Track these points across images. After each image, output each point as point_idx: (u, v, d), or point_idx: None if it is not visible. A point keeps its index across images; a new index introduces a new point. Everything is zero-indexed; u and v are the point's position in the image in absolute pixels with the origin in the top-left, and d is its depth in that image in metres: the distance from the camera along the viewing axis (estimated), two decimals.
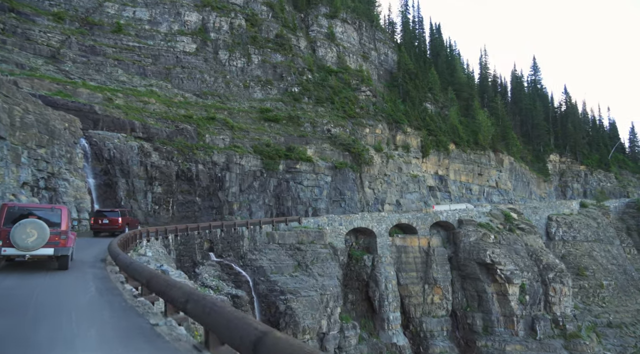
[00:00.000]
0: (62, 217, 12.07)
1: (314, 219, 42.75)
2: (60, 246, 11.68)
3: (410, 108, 65.21)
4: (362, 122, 58.33)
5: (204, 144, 45.93)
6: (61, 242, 11.73)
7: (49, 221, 11.77)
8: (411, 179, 57.67)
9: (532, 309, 44.31)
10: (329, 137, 54.67)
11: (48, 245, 11.42)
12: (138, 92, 50.09)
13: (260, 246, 37.57)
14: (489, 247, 44.73)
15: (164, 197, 38.81)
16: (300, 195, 49.01)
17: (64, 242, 11.80)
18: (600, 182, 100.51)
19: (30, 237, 11.05)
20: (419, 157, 60.99)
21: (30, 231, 11.06)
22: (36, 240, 11.13)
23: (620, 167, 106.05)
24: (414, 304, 44.37)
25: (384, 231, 45.35)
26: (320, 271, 37.79)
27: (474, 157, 67.71)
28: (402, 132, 60.44)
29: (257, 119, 53.79)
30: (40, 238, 11.17)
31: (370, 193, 53.47)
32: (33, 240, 11.10)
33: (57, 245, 11.60)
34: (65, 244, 11.86)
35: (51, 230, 11.51)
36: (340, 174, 51.44)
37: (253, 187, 46.98)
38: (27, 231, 11.04)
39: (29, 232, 11.04)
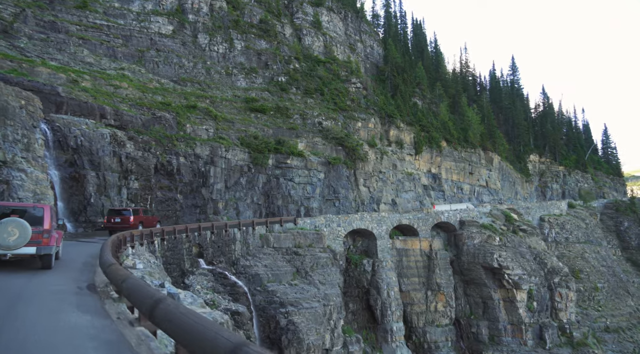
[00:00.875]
0: (44, 215, 11.69)
1: (310, 219, 38.46)
2: (43, 245, 11.43)
3: (401, 103, 61.83)
4: (353, 115, 54.42)
5: (184, 135, 40.75)
6: (43, 241, 11.47)
7: (31, 220, 11.39)
8: (406, 177, 54.27)
9: (540, 316, 41.66)
10: (320, 130, 50.43)
11: (30, 244, 11.18)
12: (108, 76, 44.26)
13: (254, 251, 32.93)
14: (495, 250, 41.76)
15: (141, 193, 33.51)
16: (291, 193, 44.54)
17: (46, 241, 11.53)
18: (578, 183, 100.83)
19: (11, 236, 10.80)
20: (412, 154, 57.70)
21: (11, 229, 10.81)
22: (17, 239, 10.88)
23: (595, 169, 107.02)
24: (416, 312, 40.80)
25: (385, 232, 41.59)
26: (321, 278, 33.54)
27: (464, 156, 65.15)
28: (396, 127, 56.96)
29: (242, 109, 48.89)
30: (21, 237, 10.94)
31: (366, 192, 49.61)
32: (14, 239, 10.85)
33: (39, 244, 11.36)
34: (48, 243, 11.58)
35: (33, 229, 11.22)
36: (334, 170, 47.30)
37: (240, 184, 42.14)
38: (8, 230, 10.78)
39: (10, 231, 10.79)
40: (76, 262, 14.06)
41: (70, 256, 15.32)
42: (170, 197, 36.20)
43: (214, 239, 29.51)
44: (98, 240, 22.52)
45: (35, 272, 11.61)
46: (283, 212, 43.25)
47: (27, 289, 9.52)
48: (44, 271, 11.75)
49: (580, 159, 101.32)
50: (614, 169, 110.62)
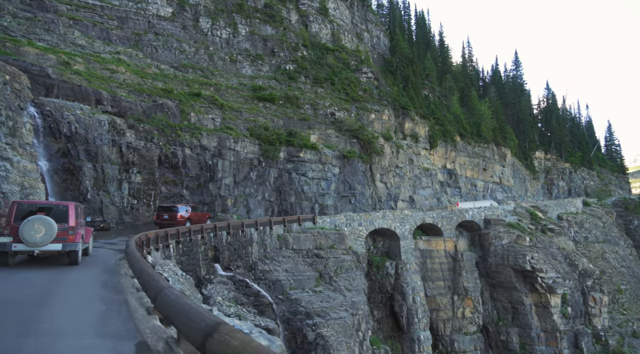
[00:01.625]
0: (69, 213, 11.74)
1: (330, 218, 34.87)
2: (69, 242, 11.48)
3: (413, 95, 58.48)
4: (366, 106, 50.89)
5: (189, 124, 36.89)
6: (69, 238, 11.50)
7: (57, 217, 11.45)
8: (423, 173, 50.94)
9: (575, 322, 38.64)
10: (332, 121, 46.82)
11: (56, 241, 11.26)
12: (102, 59, 40.21)
13: (272, 253, 29.26)
14: (527, 251, 38.61)
15: (145, 188, 29.63)
16: (304, 189, 40.89)
17: (72, 238, 11.55)
18: (584, 180, 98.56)
19: (38, 233, 10.92)
20: (427, 148, 54.38)
21: (38, 227, 10.92)
22: (44, 236, 11.01)
23: (600, 166, 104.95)
24: (442, 319, 37.50)
25: (408, 232, 38.19)
26: (346, 283, 30.01)
27: (478, 151, 62.07)
28: (410, 119, 53.59)
29: (249, 98, 45.08)
30: (47, 234, 11.06)
31: (383, 188, 46.14)
32: (41, 236, 10.98)
33: (65, 241, 11.41)
34: (74, 240, 11.59)
35: (59, 226, 11.29)
36: (349, 165, 43.73)
37: (250, 179, 38.39)
38: (35, 227, 10.90)
39: (36, 229, 10.90)
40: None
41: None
42: (175, 193, 32.33)
43: (230, 240, 25.79)
44: (119, 241, 20.65)
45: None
46: (296, 210, 39.62)
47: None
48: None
49: (586, 156, 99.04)
50: (618, 166, 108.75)
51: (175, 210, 25.53)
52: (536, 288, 38.00)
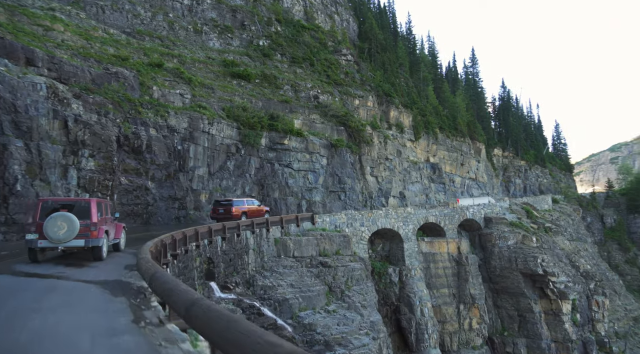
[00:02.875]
0: (91, 209, 11.70)
1: (330, 217, 29.06)
2: (91, 238, 11.40)
3: (394, 82, 53.84)
4: (349, 91, 45.42)
5: (151, 100, 29.42)
6: (92, 234, 11.43)
7: (79, 214, 11.45)
8: (412, 166, 46.35)
9: (584, 330, 35.67)
10: (316, 105, 40.84)
11: (79, 237, 11.21)
12: (32, 14, 31.54)
13: (271, 263, 22.94)
14: (537, 253, 35.07)
15: (99, 178, 22.10)
16: (289, 183, 34.64)
17: (94, 234, 11.48)
18: (538, 178, 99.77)
19: (61, 230, 10.90)
20: (412, 140, 49.89)
21: (60, 223, 10.91)
22: (66, 232, 10.98)
23: (550, 164, 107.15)
24: (448, 332, 32.98)
25: (411, 233, 33.27)
26: (360, 298, 24.37)
27: (456, 145, 58.77)
28: (395, 107, 48.78)
29: (220, 74, 37.96)
30: (70, 231, 11.02)
31: (373, 182, 40.86)
32: (64, 232, 10.96)
33: (87, 237, 11.36)
34: (97, 236, 11.51)
35: (81, 222, 11.24)
36: (337, 155, 38.02)
37: (227, 170, 31.56)
38: (58, 224, 10.89)
39: (59, 225, 10.89)
40: None
41: None
42: (139, 185, 24.90)
43: (225, 248, 19.24)
44: None
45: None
46: (281, 208, 33.33)
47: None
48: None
49: (539, 155, 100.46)
50: (565, 164, 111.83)
51: (230, 204, 24.40)
52: (547, 293, 34.55)
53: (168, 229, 20.22)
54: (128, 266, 10.87)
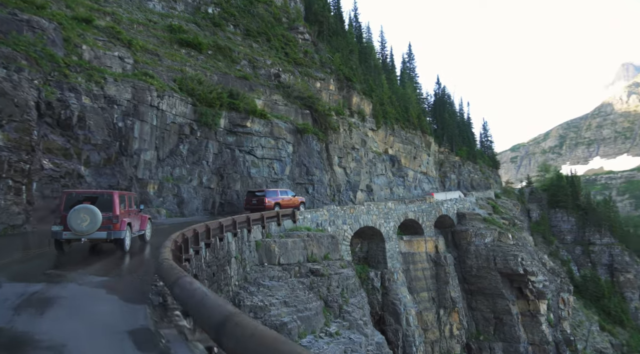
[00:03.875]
0: (113, 202, 11.78)
1: (311, 214, 24.36)
2: (114, 230, 11.48)
3: (353, 66, 49.95)
4: (310, 72, 40.71)
5: (82, 61, 22.60)
6: (114, 226, 11.51)
7: (102, 206, 11.55)
8: (377, 158, 42.76)
9: (557, 330, 34.47)
10: (277, 85, 35.62)
11: (101, 229, 11.28)
12: None
13: (255, 274, 17.85)
14: (516, 251, 33.13)
15: (12, 159, 15.43)
16: (251, 173, 29.27)
17: (117, 226, 11.56)
18: (470, 173, 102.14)
19: (84, 222, 10.99)
20: (374, 129, 46.35)
21: (83, 216, 10.99)
22: (89, 224, 11.05)
23: (480, 160, 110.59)
24: (430, 341, 29.86)
25: (392, 231, 29.61)
26: (360, 314, 20.08)
27: (409, 137, 56.46)
28: (357, 93, 44.85)
29: (166, 41, 31.33)
30: (92, 223, 11.07)
31: (341, 174, 36.57)
32: (87, 224, 11.02)
33: (109, 229, 11.44)
34: (119, 228, 11.58)
35: (103, 214, 11.30)
36: (304, 142, 33.22)
37: (179, 155, 25.52)
38: (81, 216, 10.97)
39: (82, 217, 10.97)
40: None
41: None
42: (68, 170, 18.29)
43: (209, 259, 13.87)
44: None
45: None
46: (243, 202, 27.93)
47: None
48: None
49: (471, 151, 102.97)
50: (493, 161, 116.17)
51: (261, 195, 23.82)
52: (525, 294, 32.79)
53: None
54: None
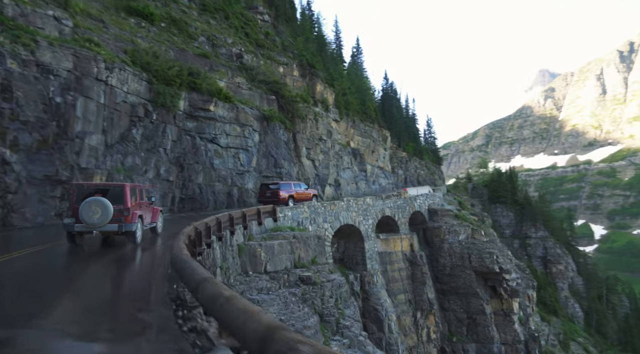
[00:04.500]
0: (125, 194, 11.65)
1: (291, 211, 21.24)
2: (125, 223, 11.40)
3: (315, 52, 46.96)
4: (272, 56, 37.27)
5: (3, 18, 17.79)
6: (125, 219, 11.43)
7: (113, 199, 11.44)
8: (343, 150, 40.16)
9: (526, 328, 33.93)
10: (240, 66, 31.87)
11: (113, 221, 11.21)
12: None
13: (241, 285, 14.58)
14: (492, 249, 32.02)
15: None
16: (215, 163, 25.53)
17: (128, 218, 11.48)
18: (417, 169, 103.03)
19: (95, 215, 10.95)
20: (337, 120, 43.66)
21: (94, 208, 10.95)
22: (100, 217, 10.98)
23: (426, 156, 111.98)
24: (409, 346, 27.88)
25: (370, 229, 27.24)
26: (358, 328, 17.41)
27: (368, 130, 54.50)
28: (321, 81, 41.92)
29: (112, 7, 26.56)
30: (104, 215, 11.00)
31: (310, 167, 33.54)
32: (98, 217, 10.97)
33: (120, 221, 11.36)
34: (130, 221, 11.51)
35: (114, 207, 11.21)
36: (270, 131, 29.86)
37: (132, 141, 21.33)
38: (92, 209, 10.93)
39: (94, 210, 10.94)
40: None
41: None
42: None
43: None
44: None
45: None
46: (208, 198, 24.25)
47: None
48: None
49: (417, 147, 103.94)
50: (436, 157, 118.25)
51: (278, 187, 22.91)
52: (499, 292, 31.80)
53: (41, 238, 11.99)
54: None
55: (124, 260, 10.25)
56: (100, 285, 7.56)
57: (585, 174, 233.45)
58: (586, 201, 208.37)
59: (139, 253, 10.94)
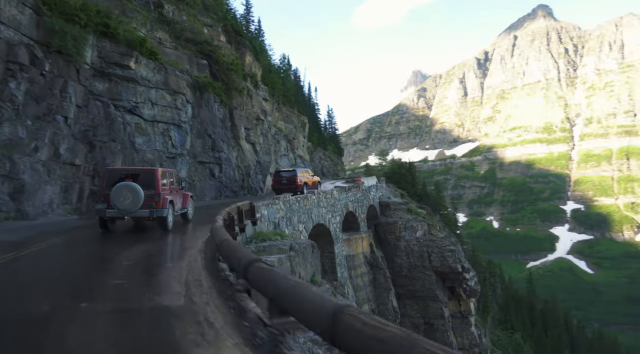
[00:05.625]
0: (155, 179, 11.21)
1: (267, 210, 15.23)
2: (156, 208, 10.99)
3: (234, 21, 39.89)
4: (194, 14, 29.76)
5: None
6: (156, 204, 11.02)
7: (144, 184, 11.02)
8: (279, 134, 34.10)
9: (479, 331, 31.88)
10: (159, 19, 24.13)
11: (144, 207, 10.84)
12: None
13: None
14: (451, 246, 29.09)
15: None
16: (137, 142, 18.12)
17: (159, 204, 11.07)
18: (321, 160, 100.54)
19: (126, 200, 10.65)
20: (267, 99, 37.24)
21: (125, 193, 10.65)
22: (132, 202, 10.67)
23: (329, 147, 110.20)
24: None
25: (339, 229, 22.24)
26: None
27: (289, 115, 48.99)
28: (250, 52, 35.20)
29: None
30: (135, 200, 10.67)
31: (250, 151, 26.99)
32: (129, 202, 10.67)
33: (152, 207, 10.97)
34: (162, 206, 11.11)
35: (145, 192, 10.82)
36: (205, 104, 22.94)
37: (9, 101, 13.32)
38: (123, 194, 10.64)
39: (125, 195, 10.64)
40: None
41: None
42: None
43: None
44: None
45: None
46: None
47: None
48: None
49: (321, 137, 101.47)
50: (338, 148, 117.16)
51: (293, 174, 21.03)
52: (458, 293, 29.07)
53: None
54: None
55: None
56: None
57: (451, 168, 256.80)
58: (451, 192, 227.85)
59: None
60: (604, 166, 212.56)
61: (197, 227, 11.84)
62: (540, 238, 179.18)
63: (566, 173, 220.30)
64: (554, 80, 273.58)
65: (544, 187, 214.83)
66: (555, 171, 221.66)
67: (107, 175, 11.43)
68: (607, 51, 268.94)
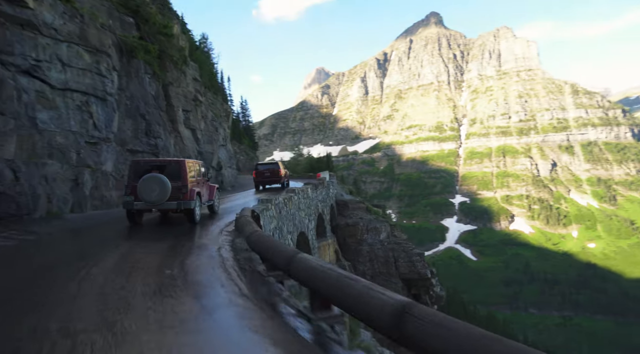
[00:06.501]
0: (182, 170, 11.08)
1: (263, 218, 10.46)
2: (183, 200, 10.87)
3: None
4: None
5: None
6: (184, 196, 10.92)
7: (171, 175, 10.91)
8: (216, 120, 28.26)
9: None
10: None
11: (171, 199, 10.74)
12: None
13: None
14: (417, 249, 26.14)
15: None
16: (40, 118, 11.97)
17: (186, 196, 10.97)
18: (237, 154, 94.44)
19: (153, 192, 10.51)
20: (198, 79, 30.93)
21: (152, 185, 10.52)
22: (159, 194, 10.53)
23: (244, 140, 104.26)
24: None
25: (314, 234, 17.95)
26: None
27: (213, 101, 42.80)
28: (177, 21, 28.82)
29: None
30: (162, 192, 10.55)
31: (190, 139, 21.11)
32: (156, 194, 10.52)
33: (179, 199, 10.86)
34: (189, 198, 10.98)
35: (172, 184, 10.72)
36: (135, 75, 16.97)
37: None
38: (151, 186, 10.49)
39: (152, 187, 10.50)
40: None
41: None
42: None
43: None
44: None
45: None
46: (33, 192, 10.83)
47: None
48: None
49: (236, 130, 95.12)
50: (253, 142, 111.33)
51: (275, 167, 21.52)
52: (424, 301, 26.24)
53: None
54: None
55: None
56: None
57: (353, 164, 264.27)
58: (350, 187, 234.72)
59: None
60: (485, 163, 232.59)
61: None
62: (432, 229, 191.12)
63: (455, 169, 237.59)
64: (444, 83, 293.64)
65: (436, 182, 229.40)
66: (446, 167, 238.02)
67: (134, 167, 11.09)
68: (488, 59, 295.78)
